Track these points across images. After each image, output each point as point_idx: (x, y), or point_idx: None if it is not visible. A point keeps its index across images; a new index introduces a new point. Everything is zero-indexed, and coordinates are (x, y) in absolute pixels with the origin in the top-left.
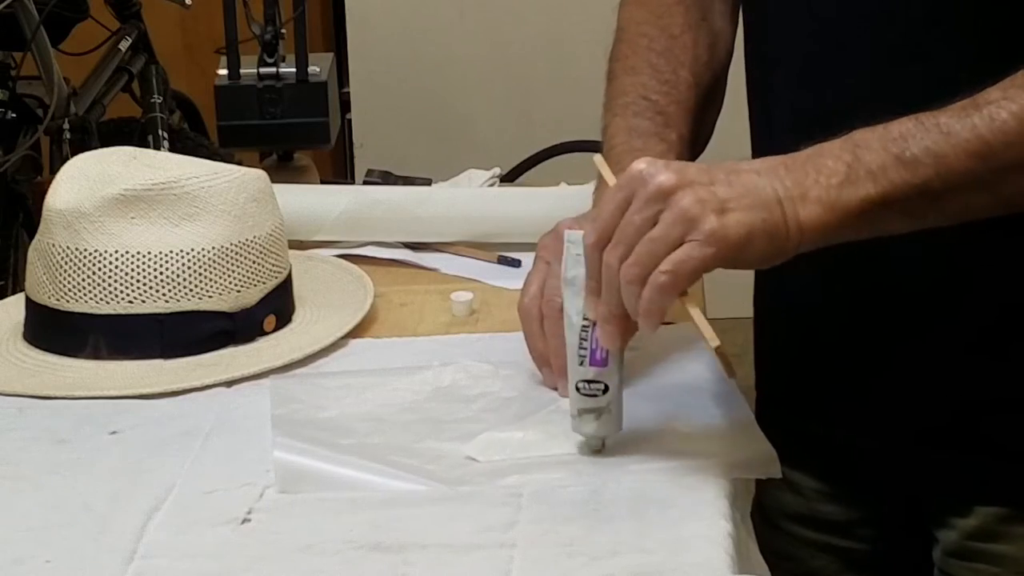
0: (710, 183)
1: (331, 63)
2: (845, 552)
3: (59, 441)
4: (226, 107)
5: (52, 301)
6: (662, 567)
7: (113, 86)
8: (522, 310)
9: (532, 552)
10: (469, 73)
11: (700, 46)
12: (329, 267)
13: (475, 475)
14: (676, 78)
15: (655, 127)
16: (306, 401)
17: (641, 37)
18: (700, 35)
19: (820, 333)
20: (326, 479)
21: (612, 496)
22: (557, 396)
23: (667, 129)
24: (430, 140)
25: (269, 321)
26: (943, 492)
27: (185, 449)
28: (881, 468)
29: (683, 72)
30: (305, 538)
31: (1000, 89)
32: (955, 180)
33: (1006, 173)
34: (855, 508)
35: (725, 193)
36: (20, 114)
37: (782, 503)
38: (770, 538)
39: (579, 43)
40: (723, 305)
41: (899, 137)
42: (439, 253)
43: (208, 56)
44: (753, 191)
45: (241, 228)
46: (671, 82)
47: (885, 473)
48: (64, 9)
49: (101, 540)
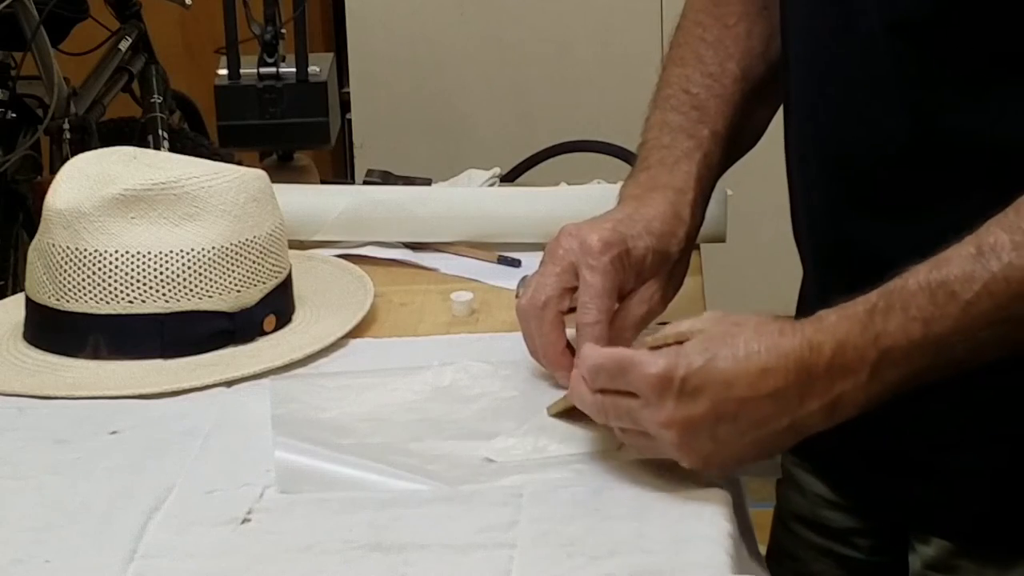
0: (715, 420)
1: (331, 63)
2: (844, 559)
3: (59, 441)
4: (226, 107)
5: (52, 301)
6: (662, 567)
7: (113, 86)
8: (519, 311)
9: (532, 552)
10: (469, 73)
11: (755, 37)
12: (329, 267)
13: (475, 475)
14: (721, 71)
15: (687, 122)
16: (306, 401)
17: (696, 26)
18: (757, 25)
19: None
20: (326, 479)
21: (612, 496)
22: (557, 397)
23: (700, 125)
24: (430, 140)
25: (269, 321)
26: (906, 518)
27: (185, 449)
28: (866, 485)
29: (730, 64)
30: (305, 538)
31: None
32: (982, 347)
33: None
34: (854, 517)
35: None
36: (20, 114)
37: (792, 504)
38: (780, 537)
39: (579, 43)
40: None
41: (918, 318)
42: (439, 253)
43: (208, 56)
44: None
45: (241, 228)
46: (715, 75)
47: (870, 491)
48: (64, 9)
49: (101, 540)
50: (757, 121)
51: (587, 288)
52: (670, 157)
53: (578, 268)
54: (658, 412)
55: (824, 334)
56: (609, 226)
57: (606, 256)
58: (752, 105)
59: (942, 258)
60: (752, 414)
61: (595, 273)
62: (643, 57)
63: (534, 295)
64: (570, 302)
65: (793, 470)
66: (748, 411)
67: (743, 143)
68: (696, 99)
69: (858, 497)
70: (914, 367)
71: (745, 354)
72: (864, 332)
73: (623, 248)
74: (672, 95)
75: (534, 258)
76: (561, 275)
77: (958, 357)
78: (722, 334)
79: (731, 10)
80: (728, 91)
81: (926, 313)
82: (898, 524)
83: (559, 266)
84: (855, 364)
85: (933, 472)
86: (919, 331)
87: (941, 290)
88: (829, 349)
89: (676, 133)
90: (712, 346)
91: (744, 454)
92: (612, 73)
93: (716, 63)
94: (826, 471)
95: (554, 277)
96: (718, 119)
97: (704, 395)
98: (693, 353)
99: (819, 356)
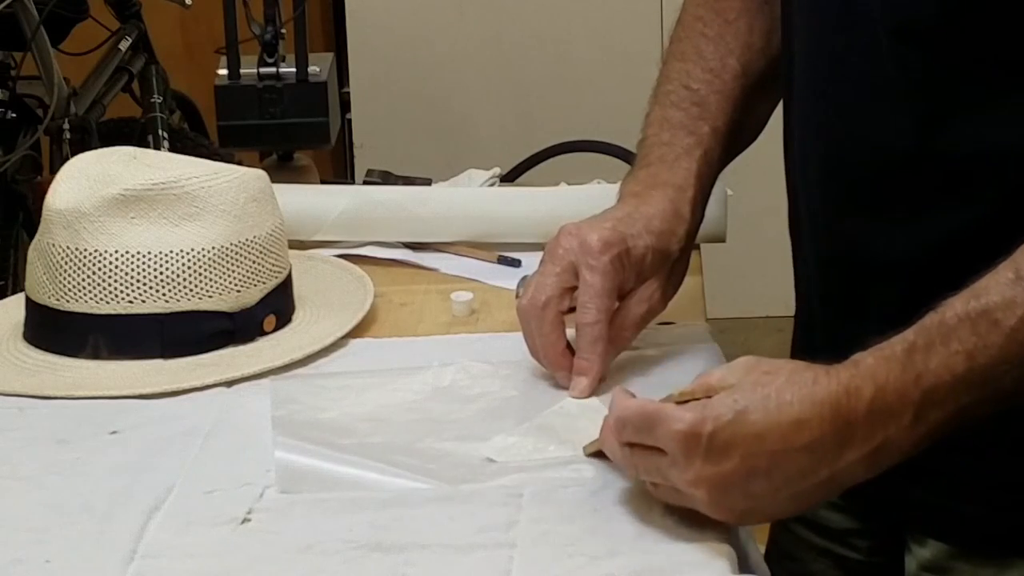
0: (747, 477)
1: (331, 63)
2: (842, 560)
3: (59, 441)
4: (226, 107)
5: (52, 301)
6: (662, 567)
7: (113, 86)
8: (519, 311)
9: (532, 552)
10: (469, 73)
11: (755, 32)
12: (329, 267)
13: (475, 475)
14: (722, 66)
15: (687, 119)
16: (306, 402)
17: (696, 21)
18: (757, 21)
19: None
20: (326, 479)
21: (612, 496)
22: (558, 397)
23: (700, 121)
24: (430, 140)
25: (269, 321)
26: (903, 520)
27: (185, 449)
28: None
29: (731, 60)
30: (305, 538)
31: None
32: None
33: None
34: (852, 518)
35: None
36: (20, 114)
37: None
38: (779, 537)
39: (579, 43)
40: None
41: (960, 351)
42: (439, 253)
43: (208, 56)
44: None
45: (241, 228)
46: (715, 70)
47: (867, 492)
48: (64, 9)
49: (101, 540)
50: (757, 116)
51: (587, 288)
52: (670, 154)
53: (578, 268)
54: (686, 471)
55: (862, 379)
56: (609, 225)
57: (606, 256)
58: (753, 100)
59: (979, 287)
60: (787, 468)
61: (595, 273)
62: (643, 57)
63: (534, 295)
64: (570, 302)
65: None
66: (782, 465)
67: (743, 139)
68: (696, 95)
69: (856, 498)
70: (960, 403)
71: (777, 405)
72: (904, 372)
73: (623, 247)
74: (672, 91)
75: (534, 258)
76: (561, 275)
77: (1006, 388)
78: (752, 384)
79: (732, 5)
80: (728, 87)
81: (968, 345)
82: (895, 525)
83: (559, 266)
84: (897, 407)
85: (929, 474)
86: (963, 365)
87: (983, 320)
88: (868, 394)
89: (676, 130)
90: (742, 398)
91: (781, 509)
92: (612, 73)
93: (717, 58)
94: None
95: (554, 277)
96: (718, 115)
97: (734, 451)
98: (721, 407)
99: (858, 402)
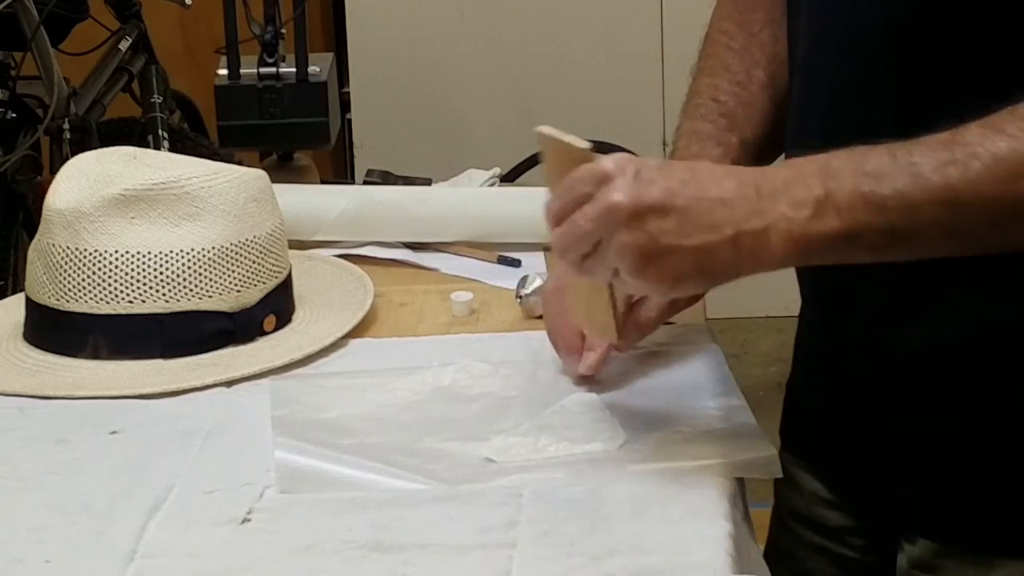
0: (664, 212)
1: (331, 63)
2: (838, 557)
3: (59, 441)
4: (226, 107)
5: (52, 301)
6: (662, 567)
7: (113, 86)
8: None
9: (532, 552)
10: (469, 73)
11: (780, 43)
12: (329, 267)
13: (475, 475)
14: (748, 78)
15: (716, 130)
16: (306, 402)
17: (721, 34)
18: (782, 31)
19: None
20: (326, 479)
21: (612, 496)
22: (558, 397)
23: (728, 133)
24: (430, 140)
25: (269, 321)
26: (895, 518)
27: (185, 449)
28: (857, 485)
29: (757, 72)
30: (305, 538)
31: (980, 129)
32: (922, 226)
33: (973, 226)
34: (848, 516)
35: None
36: (20, 114)
37: (789, 502)
38: (778, 535)
39: (579, 43)
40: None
41: (872, 174)
42: (439, 253)
43: (208, 56)
44: (708, 226)
45: (241, 228)
46: (742, 83)
47: (860, 490)
48: (64, 9)
49: (101, 540)
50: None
51: None
52: None
53: None
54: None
55: (784, 166)
56: None
57: None
58: (782, 110)
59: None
60: (700, 216)
61: None
62: (643, 57)
63: (557, 280)
64: None
65: (791, 468)
66: (696, 211)
67: (773, 147)
68: (724, 107)
69: (850, 496)
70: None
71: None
72: (820, 170)
73: None
74: (701, 104)
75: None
76: None
77: (899, 230)
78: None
79: (756, 17)
80: (756, 98)
81: (879, 166)
82: (887, 523)
83: None
84: (802, 195)
85: (918, 473)
86: (867, 184)
87: (902, 154)
88: (784, 173)
89: (705, 141)
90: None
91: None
92: (612, 73)
93: (743, 70)
94: (821, 469)
95: None
96: (747, 126)
97: (656, 185)
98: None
99: (773, 178)
